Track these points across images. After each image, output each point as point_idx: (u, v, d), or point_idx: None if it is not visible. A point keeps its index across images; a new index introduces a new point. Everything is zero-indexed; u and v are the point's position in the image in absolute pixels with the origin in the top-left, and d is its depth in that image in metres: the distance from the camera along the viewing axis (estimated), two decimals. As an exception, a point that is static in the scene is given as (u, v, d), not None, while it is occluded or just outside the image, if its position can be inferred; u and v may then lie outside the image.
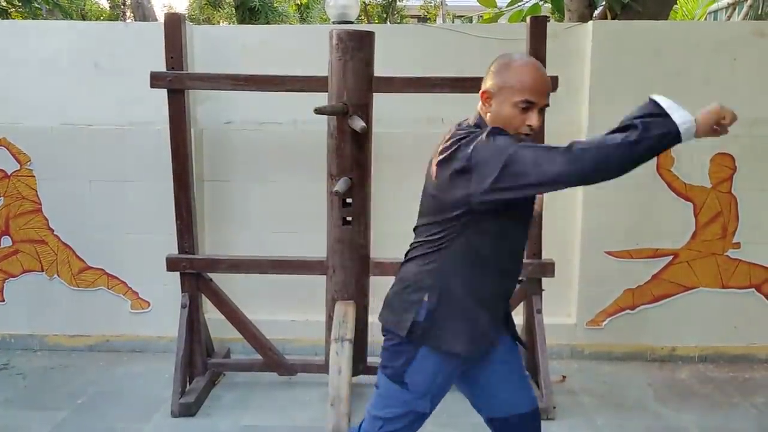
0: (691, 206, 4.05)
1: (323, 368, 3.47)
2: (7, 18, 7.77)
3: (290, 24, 11.02)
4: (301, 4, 15.30)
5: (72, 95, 4.07)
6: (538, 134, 3.36)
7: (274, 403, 3.59)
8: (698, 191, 4.04)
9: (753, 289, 4.12)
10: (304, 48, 3.84)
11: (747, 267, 4.09)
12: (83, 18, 14.09)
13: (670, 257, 4.10)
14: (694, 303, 4.14)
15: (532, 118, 1.86)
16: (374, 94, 3.33)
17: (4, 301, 4.25)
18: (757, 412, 3.51)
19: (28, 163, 4.12)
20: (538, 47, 3.37)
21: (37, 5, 8.41)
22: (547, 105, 1.90)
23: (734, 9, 7.05)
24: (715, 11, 8.05)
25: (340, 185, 3.09)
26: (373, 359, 3.70)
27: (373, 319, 3.58)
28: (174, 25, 3.42)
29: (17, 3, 8.03)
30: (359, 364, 3.48)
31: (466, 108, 3.92)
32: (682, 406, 3.57)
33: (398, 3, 18.78)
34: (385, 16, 18.37)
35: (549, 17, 6.50)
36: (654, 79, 3.93)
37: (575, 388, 3.80)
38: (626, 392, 3.77)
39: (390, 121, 3.93)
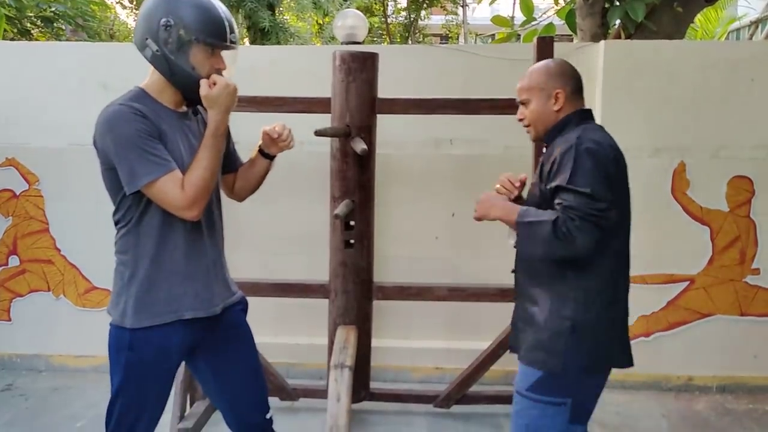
0: (708, 230, 3.93)
1: (326, 394, 3.39)
2: (30, 39, 7.88)
3: (303, 44, 11.02)
4: (322, 23, 15.39)
5: (80, 116, 4.05)
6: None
7: (276, 429, 3.50)
8: (715, 215, 3.91)
9: (773, 317, 3.96)
10: (314, 68, 3.79)
11: (767, 294, 3.94)
12: (111, 38, 14.27)
13: (686, 283, 3.97)
14: (711, 331, 3.99)
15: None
16: (381, 115, 3.28)
17: (10, 320, 4.25)
18: (777, 447, 3.37)
19: (37, 183, 4.14)
20: (545, 68, 3.29)
21: (59, 26, 8.55)
22: None
23: (756, 27, 6.91)
24: (737, 29, 7.92)
25: (341, 208, 3.04)
26: (376, 385, 3.63)
27: (377, 344, 3.54)
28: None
29: (39, 24, 8.16)
30: (361, 391, 3.41)
31: (474, 129, 3.91)
32: (697, 439, 3.44)
33: (420, 22, 18.83)
34: (406, 35, 18.42)
35: (570, 36, 6.43)
36: (668, 99, 3.83)
37: (586, 418, 3.67)
38: (640, 423, 3.64)
39: (397, 143, 3.88)
